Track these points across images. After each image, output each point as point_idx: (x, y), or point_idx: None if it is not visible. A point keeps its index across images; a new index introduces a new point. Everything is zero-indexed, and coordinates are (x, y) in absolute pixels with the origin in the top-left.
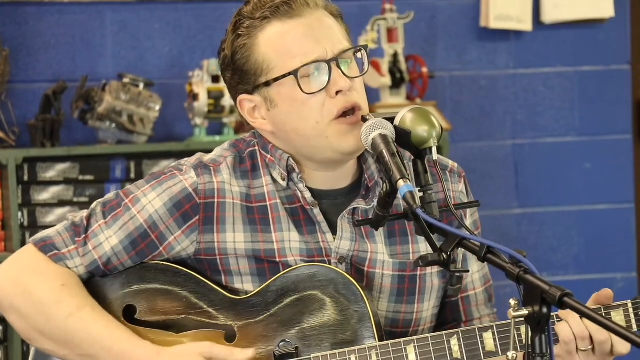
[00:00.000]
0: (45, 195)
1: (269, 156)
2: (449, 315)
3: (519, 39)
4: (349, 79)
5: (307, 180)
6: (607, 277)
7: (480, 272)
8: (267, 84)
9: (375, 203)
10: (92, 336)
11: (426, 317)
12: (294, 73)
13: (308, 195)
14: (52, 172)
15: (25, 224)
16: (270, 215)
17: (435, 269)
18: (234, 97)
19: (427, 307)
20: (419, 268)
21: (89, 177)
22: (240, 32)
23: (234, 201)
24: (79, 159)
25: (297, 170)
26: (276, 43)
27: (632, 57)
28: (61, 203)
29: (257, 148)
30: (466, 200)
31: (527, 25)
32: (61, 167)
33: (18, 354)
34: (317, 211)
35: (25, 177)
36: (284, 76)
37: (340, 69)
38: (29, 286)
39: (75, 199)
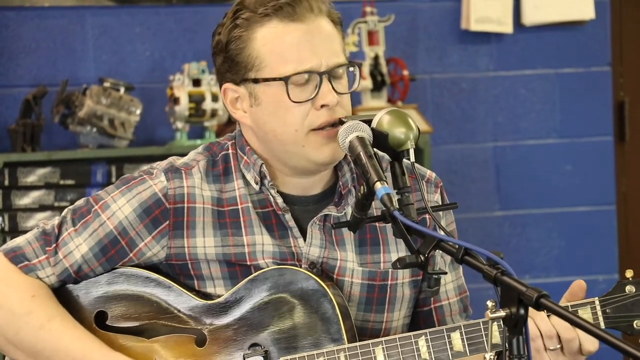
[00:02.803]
0: (26, 200)
1: (245, 158)
2: (423, 325)
3: (499, 41)
4: (337, 94)
5: (280, 185)
6: (588, 278)
7: (454, 282)
8: (256, 80)
9: (347, 210)
10: (63, 348)
11: (396, 327)
12: (285, 79)
13: (280, 200)
14: (32, 177)
15: (6, 228)
16: (241, 218)
17: (407, 279)
18: (220, 82)
19: (396, 317)
20: (389, 277)
21: (69, 182)
22: (238, 22)
23: (204, 206)
24: (60, 163)
25: (268, 177)
26: (272, 43)
27: (613, 58)
28: (42, 208)
29: (230, 151)
30: (441, 212)
31: (507, 27)
32: (42, 171)
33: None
34: (288, 216)
35: (6, 182)
36: (274, 79)
37: (330, 83)
38: None
39: (56, 204)
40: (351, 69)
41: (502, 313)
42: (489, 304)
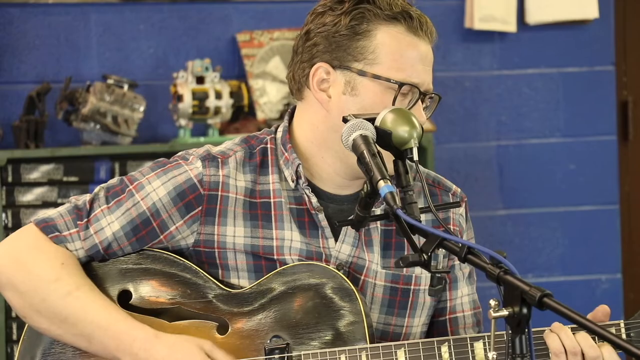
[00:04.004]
0: (29, 196)
1: (286, 154)
2: (435, 334)
3: (503, 40)
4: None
5: (318, 182)
6: (591, 278)
7: (470, 295)
8: (362, 73)
9: (383, 206)
10: (88, 316)
11: (415, 333)
12: (401, 84)
13: (314, 200)
14: (36, 174)
15: (9, 225)
16: (272, 212)
17: (429, 286)
18: (310, 60)
19: (417, 323)
20: (412, 282)
21: (73, 179)
22: (360, 11)
23: (237, 196)
24: (63, 160)
25: (303, 178)
26: (394, 46)
27: (616, 58)
28: (45, 204)
29: (269, 146)
30: (464, 225)
31: (511, 26)
32: (45, 168)
33: (2, 354)
34: (321, 216)
35: (9, 179)
36: (388, 80)
37: (422, 104)
38: (28, 264)
39: (59, 200)
40: (431, 98)
41: (504, 312)
42: (492, 303)
